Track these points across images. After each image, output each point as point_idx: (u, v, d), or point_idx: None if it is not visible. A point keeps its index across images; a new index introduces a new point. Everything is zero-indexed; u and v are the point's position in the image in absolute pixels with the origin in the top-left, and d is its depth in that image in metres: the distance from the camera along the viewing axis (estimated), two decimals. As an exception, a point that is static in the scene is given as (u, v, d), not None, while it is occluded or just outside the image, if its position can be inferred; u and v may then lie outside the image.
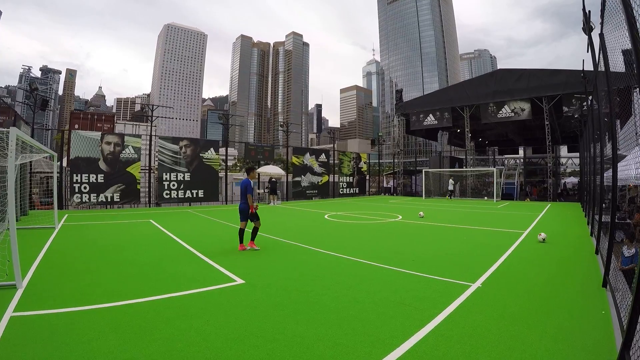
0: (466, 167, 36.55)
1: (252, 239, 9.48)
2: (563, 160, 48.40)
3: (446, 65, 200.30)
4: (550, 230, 12.46)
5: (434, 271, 7.02)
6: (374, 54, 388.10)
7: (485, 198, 32.42)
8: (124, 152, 24.35)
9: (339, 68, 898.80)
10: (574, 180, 47.30)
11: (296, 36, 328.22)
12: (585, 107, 22.92)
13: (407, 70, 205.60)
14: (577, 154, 38.21)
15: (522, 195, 34.55)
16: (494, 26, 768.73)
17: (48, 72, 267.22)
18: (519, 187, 35.82)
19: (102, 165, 23.44)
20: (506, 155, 54.81)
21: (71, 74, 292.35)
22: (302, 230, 13.31)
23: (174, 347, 3.79)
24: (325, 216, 18.05)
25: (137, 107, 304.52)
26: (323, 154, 35.96)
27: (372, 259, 8.10)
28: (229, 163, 79.49)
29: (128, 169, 24.37)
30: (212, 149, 28.00)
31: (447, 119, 36.51)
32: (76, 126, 43.22)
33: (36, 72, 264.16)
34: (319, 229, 13.75)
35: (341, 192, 37.17)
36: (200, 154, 27.22)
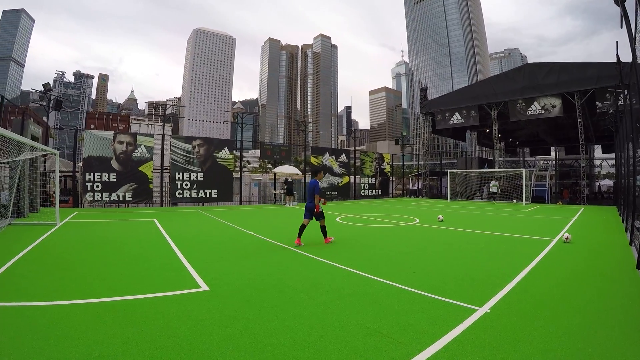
0: (495, 168, 34.63)
1: (325, 235, 10.15)
2: (597, 162, 45.94)
3: (476, 65, 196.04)
4: (583, 238, 11.05)
5: (436, 288, 5.73)
6: (402, 55, 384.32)
7: (514, 201, 30.63)
8: (136, 151, 24.26)
9: (368, 70, 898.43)
10: (609, 182, 44.89)
11: (324, 38, 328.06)
12: (620, 101, 21.15)
13: (436, 70, 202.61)
14: (612, 155, 36.03)
15: (554, 197, 32.54)
16: (523, 24, 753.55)
17: (81, 77, 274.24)
18: (550, 190, 33.81)
19: (114, 164, 23.49)
20: (538, 157, 52.61)
21: (103, 79, 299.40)
22: (305, 233, 12.27)
23: (89, 356, 3.44)
24: (337, 218, 16.83)
25: (168, 110, 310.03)
26: (343, 154, 34.77)
27: (366, 269, 6.94)
28: (255, 164, 79.41)
29: (140, 168, 24.28)
30: (226, 148, 27.39)
31: (473, 118, 34.82)
32: (92, 126, 43.63)
33: (69, 77, 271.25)
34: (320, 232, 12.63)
35: (362, 194, 35.83)
36: (214, 154, 26.76)
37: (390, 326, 4.18)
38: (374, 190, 37.09)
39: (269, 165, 64.38)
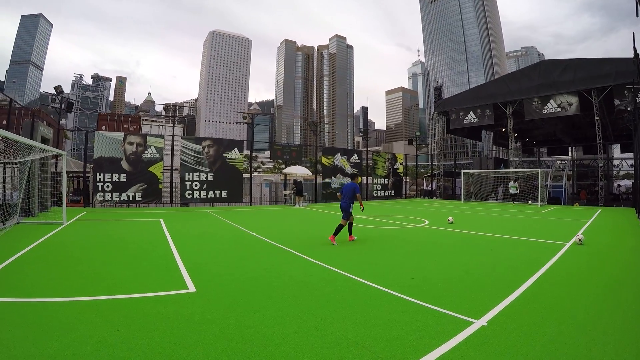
0: (510, 168, 33.85)
1: (336, 233, 10.31)
2: (616, 162, 44.74)
3: (492, 64, 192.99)
4: (599, 242, 10.53)
5: (433, 296, 5.34)
6: (418, 55, 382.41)
7: (529, 202, 29.83)
8: (146, 152, 24.37)
9: (385, 70, 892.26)
10: (627, 183, 43.68)
11: (340, 39, 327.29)
12: (639, 98, 20.44)
13: (452, 70, 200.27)
14: (631, 154, 35.04)
15: (571, 199, 31.62)
16: (540, 22, 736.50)
17: (99, 80, 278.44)
18: (567, 191, 32.85)
19: (124, 165, 23.69)
20: (556, 157, 51.51)
21: (121, 81, 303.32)
22: (305, 234, 12.13)
23: (61, 354, 3.44)
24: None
25: (185, 112, 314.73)
26: (355, 155, 34.28)
27: (362, 274, 6.61)
28: (270, 165, 79.45)
29: (150, 169, 24.38)
30: (236, 149, 27.30)
31: (488, 117, 34.12)
32: (103, 127, 43.97)
33: (88, 80, 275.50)
34: (326, 234, 12.28)
35: (375, 195, 35.27)
36: (224, 154, 26.69)
37: (374, 338, 3.84)
38: (386, 191, 36.49)
39: (283, 166, 64.30)
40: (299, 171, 28.40)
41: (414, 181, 46.29)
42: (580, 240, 9.93)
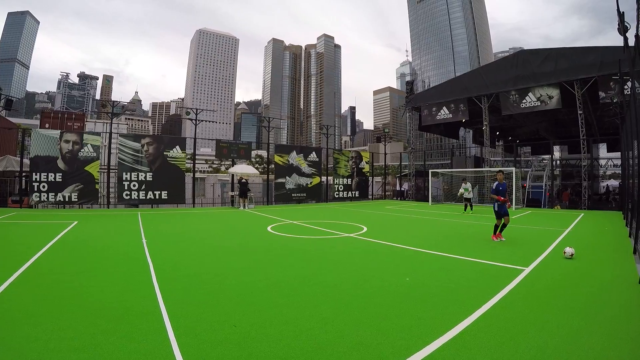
0: (485, 167, 31.10)
1: (500, 231, 10.74)
2: (603, 162, 42.41)
3: (479, 64, 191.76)
4: (574, 261, 7.88)
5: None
6: (407, 55, 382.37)
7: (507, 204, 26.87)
8: (82, 150, 23.06)
9: (374, 70, 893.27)
10: (614, 183, 41.31)
11: (327, 38, 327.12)
12: (627, 90, 17.93)
13: (439, 70, 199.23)
14: (619, 154, 32.66)
15: (551, 201, 28.90)
16: (530, 24, 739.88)
17: (85, 79, 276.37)
18: (547, 192, 30.07)
19: (60, 164, 22.57)
20: (541, 156, 49.25)
21: (107, 80, 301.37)
22: (200, 245, 9.88)
23: None
24: (269, 227, 13.81)
25: (172, 111, 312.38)
26: (313, 153, 31.53)
27: (186, 309, 4.36)
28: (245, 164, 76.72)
29: (86, 168, 23.17)
30: (177, 147, 25.19)
31: (462, 112, 31.50)
32: (47, 125, 41.81)
33: (74, 79, 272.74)
34: (227, 245, 9.92)
35: (336, 196, 32.48)
36: (164, 152, 24.69)
37: None
38: (349, 192, 33.63)
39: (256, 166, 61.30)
40: (244, 170, 25.67)
41: (391, 181, 44.12)
42: (571, 254, 8.19)
